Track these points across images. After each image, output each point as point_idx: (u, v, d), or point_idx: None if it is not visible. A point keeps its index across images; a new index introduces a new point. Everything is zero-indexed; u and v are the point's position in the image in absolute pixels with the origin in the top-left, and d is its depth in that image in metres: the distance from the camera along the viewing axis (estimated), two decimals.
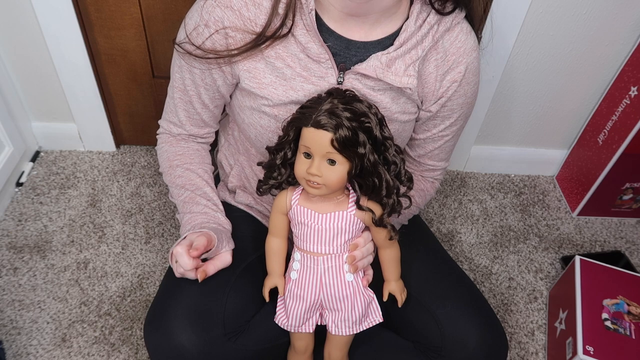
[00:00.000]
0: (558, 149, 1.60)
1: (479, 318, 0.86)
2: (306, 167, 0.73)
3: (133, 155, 1.56)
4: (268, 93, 0.81)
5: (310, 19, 0.76)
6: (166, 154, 0.94)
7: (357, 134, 0.71)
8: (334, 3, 0.76)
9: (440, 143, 0.93)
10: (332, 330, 0.84)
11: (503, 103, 1.46)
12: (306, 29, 0.77)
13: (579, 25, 1.28)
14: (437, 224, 1.47)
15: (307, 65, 0.79)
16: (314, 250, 0.79)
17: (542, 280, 1.35)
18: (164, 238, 1.34)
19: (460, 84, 0.84)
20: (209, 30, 0.79)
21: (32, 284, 1.22)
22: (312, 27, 0.76)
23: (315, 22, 0.77)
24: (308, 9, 0.75)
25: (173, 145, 0.94)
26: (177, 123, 0.93)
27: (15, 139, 1.40)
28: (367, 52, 0.80)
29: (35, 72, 1.37)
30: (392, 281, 0.85)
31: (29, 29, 1.28)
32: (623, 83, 1.35)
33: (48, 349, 1.11)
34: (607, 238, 1.49)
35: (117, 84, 1.42)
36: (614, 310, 1.10)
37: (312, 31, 0.76)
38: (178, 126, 0.93)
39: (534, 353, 1.20)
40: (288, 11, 0.76)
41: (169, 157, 0.94)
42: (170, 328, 0.77)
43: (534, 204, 1.56)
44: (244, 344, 0.82)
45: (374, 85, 0.81)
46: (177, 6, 1.26)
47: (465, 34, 0.83)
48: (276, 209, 0.82)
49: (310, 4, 0.75)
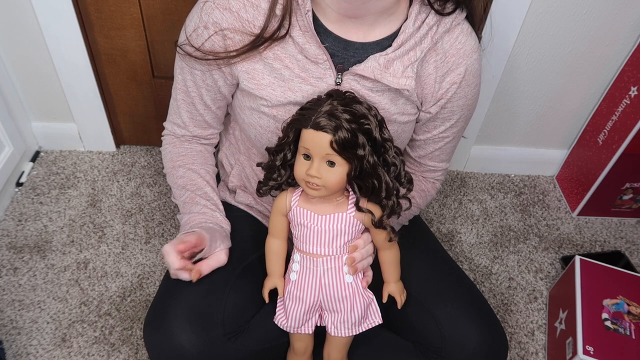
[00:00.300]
0: (558, 149, 1.60)
1: (479, 318, 0.86)
2: (305, 169, 0.73)
3: (133, 155, 1.56)
4: (266, 94, 0.81)
5: (307, 20, 0.76)
6: (169, 155, 0.95)
7: (356, 136, 0.71)
8: (330, 4, 0.76)
9: (441, 144, 0.93)
10: (331, 331, 0.84)
11: (503, 103, 1.46)
12: (303, 30, 0.77)
13: (579, 25, 1.28)
14: (437, 224, 1.47)
15: (305, 66, 0.79)
16: (314, 251, 0.79)
17: (542, 280, 1.35)
18: (164, 238, 1.34)
19: (459, 85, 0.84)
20: (208, 32, 0.79)
21: (32, 284, 1.22)
22: (309, 28, 0.76)
23: (313, 23, 0.76)
24: (304, 10, 0.75)
25: (176, 147, 0.95)
26: (181, 124, 0.93)
27: (15, 139, 1.40)
28: (365, 53, 0.80)
29: (35, 72, 1.37)
30: (392, 282, 0.85)
31: (29, 29, 1.28)
32: (623, 83, 1.35)
33: (48, 349, 1.11)
34: (607, 238, 1.49)
35: (117, 84, 1.42)
36: (614, 310, 1.10)
37: (309, 32, 0.76)
38: (182, 127, 0.93)
39: (534, 353, 1.20)
40: (285, 12, 0.76)
41: (172, 158, 0.94)
42: (170, 328, 0.77)
43: (534, 204, 1.56)
44: (243, 344, 0.82)
45: (372, 87, 0.80)
46: (177, 6, 1.26)
47: (466, 35, 0.82)
48: (276, 210, 0.82)
49: (306, 5, 0.75)
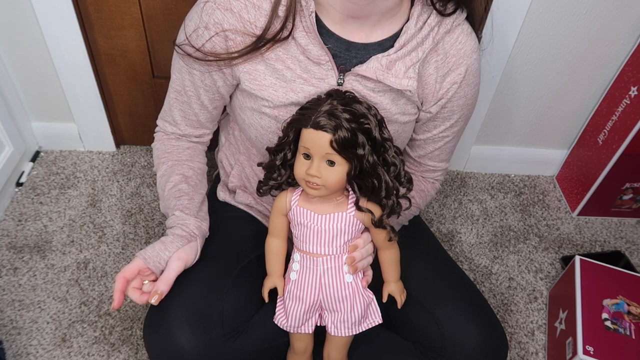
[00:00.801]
0: (558, 149, 1.60)
1: (479, 318, 0.86)
2: (305, 168, 0.73)
3: (133, 155, 1.56)
4: (268, 95, 0.81)
5: (311, 20, 0.75)
6: (157, 152, 0.95)
7: (356, 135, 0.71)
8: (334, 5, 0.76)
9: (440, 144, 0.93)
10: (331, 331, 0.84)
11: (503, 103, 1.46)
12: (306, 31, 0.77)
13: (579, 25, 1.28)
14: (437, 224, 1.47)
15: (307, 67, 0.79)
16: (314, 251, 0.79)
17: (542, 280, 1.35)
18: None
19: (460, 85, 0.84)
20: (209, 33, 0.79)
21: (32, 284, 1.22)
22: (312, 29, 0.76)
23: (316, 24, 0.76)
24: (308, 11, 0.75)
25: (164, 144, 0.94)
26: (172, 122, 0.93)
27: (15, 139, 1.40)
28: (367, 53, 0.80)
29: (35, 72, 1.37)
30: (392, 282, 0.85)
31: (29, 29, 1.28)
32: (623, 83, 1.35)
33: (48, 349, 1.11)
34: (607, 238, 1.49)
35: (117, 84, 1.42)
36: (614, 310, 1.10)
37: (312, 33, 0.76)
38: (172, 125, 0.93)
39: (534, 353, 1.20)
40: (288, 14, 0.75)
41: (158, 155, 0.94)
42: (169, 329, 0.77)
43: (534, 204, 1.56)
44: (243, 344, 0.82)
45: (374, 87, 0.81)
46: (177, 6, 1.26)
47: (466, 35, 0.83)
48: (276, 209, 0.82)
49: (310, 6, 0.75)
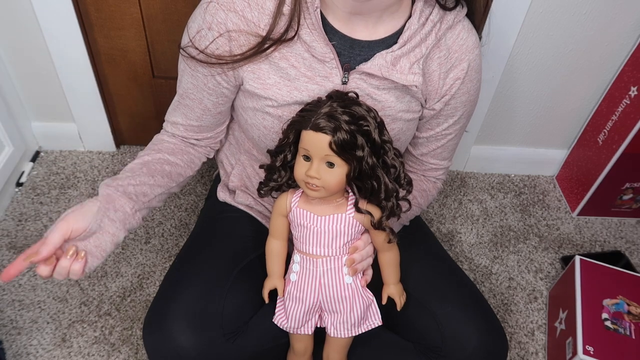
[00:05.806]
0: (558, 149, 1.60)
1: (479, 318, 0.86)
2: (305, 170, 0.73)
3: (133, 155, 1.56)
4: (272, 94, 0.80)
5: (316, 17, 0.75)
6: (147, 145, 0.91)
7: (355, 137, 0.71)
8: (337, 2, 0.76)
9: (443, 142, 0.93)
10: (331, 332, 0.84)
11: (503, 103, 1.45)
12: (310, 27, 0.76)
13: (579, 25, 1.28)
14: (437, 224, 1.47)
15: (311, 65, 0.79)
16: (313, 252, 0.79)
17: (542, 280, 1.35)
18: (164, 238, 1.34)
19: (463, 81, 0.84)
20: (213, 34, 0.78)
21: (32, 284, 1.22)
22: (317, 25, 0.75)
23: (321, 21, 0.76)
24: (313, 7, 0.75)
25: (156, 139, 0.92)
26: (172, 123, 0.92)
27: (15, 139, 1.40)
28: (371, 51, 0.79)
29: (35, 72, 1.37)
30: (391, 284, 0.85)
31: (29, 29, 1.28)
32: (623, 83, 1.35)
33: (48, 349, 1.11)
34: (607, 238, 1.49)
35: (117, 84, 1.42)
36: (614, 310, 1.10)
37: (317, 30, 0.76)
38: (172, 125, 0.92)
39: (534, 353, 1.20)
40: (294, 12, 0.75)
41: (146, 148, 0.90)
42: (169, 330, 0.77)
43: (534, 204, 1.56)
44: (242, 344, 0.82)
45: (379, 84, 0.80)
46: (177, 6, 1.26)
47: (467, 31, 0.83)
48: (276, 211, 0.82)
49: (315, 3, 0.75)
